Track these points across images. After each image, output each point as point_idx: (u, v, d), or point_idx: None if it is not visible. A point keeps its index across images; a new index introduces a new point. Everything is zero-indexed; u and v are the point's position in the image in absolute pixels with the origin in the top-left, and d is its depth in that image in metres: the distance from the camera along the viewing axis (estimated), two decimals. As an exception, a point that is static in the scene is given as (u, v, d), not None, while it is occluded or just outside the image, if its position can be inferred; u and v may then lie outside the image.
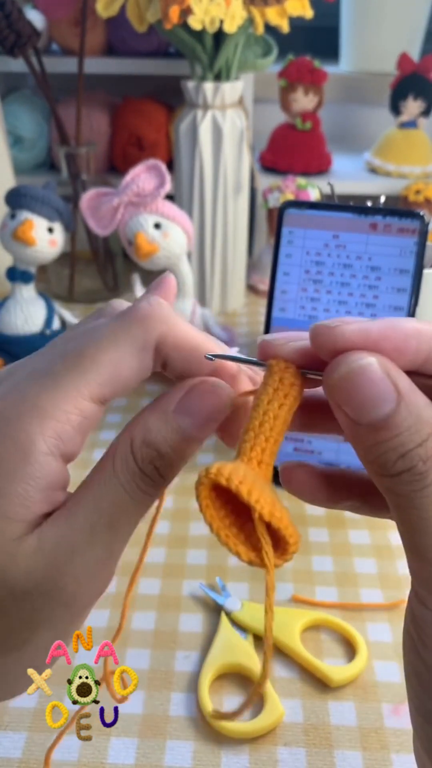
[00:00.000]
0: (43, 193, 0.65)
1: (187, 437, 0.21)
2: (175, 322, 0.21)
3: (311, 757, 0.35)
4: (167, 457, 0.20)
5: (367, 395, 0.18)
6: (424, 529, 0.18)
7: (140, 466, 0.20)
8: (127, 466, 0.20)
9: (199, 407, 0.21)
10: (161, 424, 0.20)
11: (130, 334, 0.20)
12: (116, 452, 0.20)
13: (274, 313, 0.52)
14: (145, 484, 0.20)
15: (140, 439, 0.20)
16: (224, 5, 0.63)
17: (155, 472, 0.20)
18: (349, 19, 0.99)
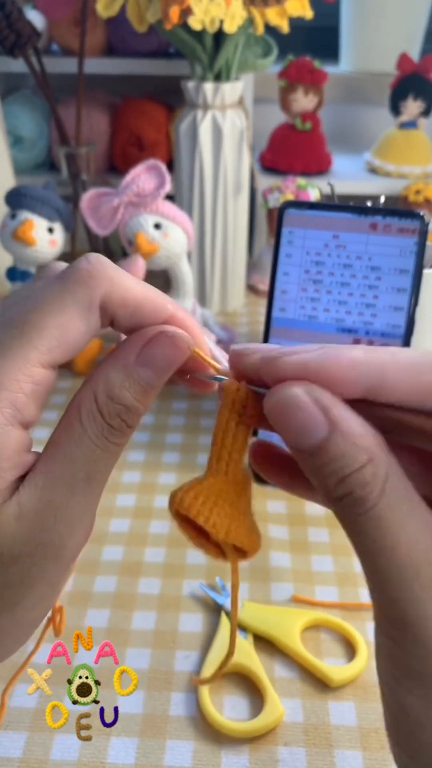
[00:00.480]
0: (43, 193, 0.65)
1: (150, 387, 0.21)
2: (119, 279, 0.21)
3: (311, 756, 0.35)
4: (133, 408, 0.21)
5: (297, 423, 0.19)
6: (373, 551, 0.18)
7: (108, 421, 0.20)
8: (95, 422, 0.20)
9: (160, 357, 0.21)
10: (123, 377, 0.20)
11: (74, 295, 0.20)
12: (81, 408, 0.20)
13: (274, 313, 0.52)
14: (113, 436, 0.20)
15: (104, 393, 0.20)
16: (224, 5, 0.63)
17: (122, 424, 0.21)
18: (349, 20, 0.99)
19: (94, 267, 0.20)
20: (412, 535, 0.18)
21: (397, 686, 0.19)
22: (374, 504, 0.18)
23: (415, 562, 0.18)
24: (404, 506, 0.18)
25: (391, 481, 0.18)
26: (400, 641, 0.18)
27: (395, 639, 0.18)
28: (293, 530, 0.49)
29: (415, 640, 0.18)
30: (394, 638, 0.18)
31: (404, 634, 0.18)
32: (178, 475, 0.55)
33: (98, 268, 0.20)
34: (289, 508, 0.52)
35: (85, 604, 0.43)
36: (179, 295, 0.68)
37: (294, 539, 0.49)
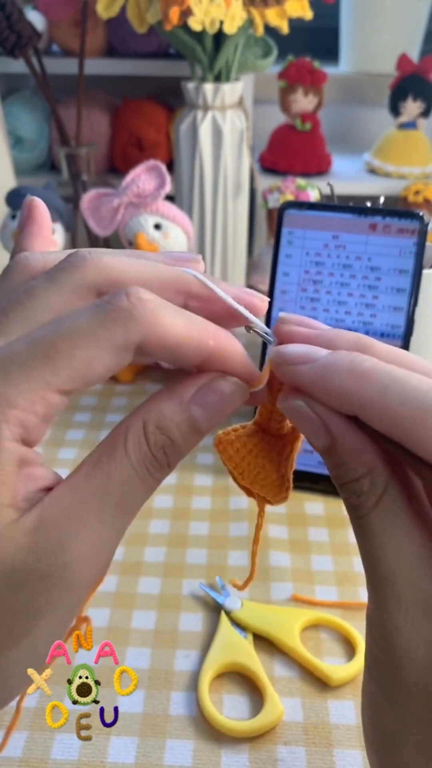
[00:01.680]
0: (43, 194, 0.65)
1: (199, 429, 0.21)
2: (159, 321, 0.19)
3: (311, 756, 0.35)
4: (177, 445, 0.20)
5: (305, 429, 0.21)
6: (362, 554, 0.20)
7: (152, 451, 0.20)
8: (139, 449, 0.20)
9: (215, 402, 0.21)
10: (176, 412, 0.20)
11: (110, 333, 0.19)
12: (128, 433, 0.20)
13: (274, 313, 0.52)
14: (153, 468, 0.20)
15: (154, 423, 0.20)
16: (224, 6, 0.63)
17: (165, 458, 0.20)
18: (348, 20, 0.99)
19: (135, 308, 0.19)
20: (396, 547, 0.19)
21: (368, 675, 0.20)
22: (366, 513, 0.19)
23: (392, 572, 0.19)
24: (396, 520, 0.19)
25: (388, 493, 0.19)
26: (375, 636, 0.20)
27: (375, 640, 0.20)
28: (293, 530, 0.49)
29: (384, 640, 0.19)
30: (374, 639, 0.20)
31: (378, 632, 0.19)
32: (178, 475, 0.55)
33: (140, 310, 0.19)
34: (289, 508, 0.52)
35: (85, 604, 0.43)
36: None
37: (294, 539, 0.49)
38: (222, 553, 0.47)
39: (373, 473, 0.19)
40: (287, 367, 0.21)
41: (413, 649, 0.18)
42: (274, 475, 0.24)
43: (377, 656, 0.20)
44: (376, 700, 0.20)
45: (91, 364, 0.19)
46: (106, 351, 0.19)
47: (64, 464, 0.56)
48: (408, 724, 0.19)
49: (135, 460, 0.20)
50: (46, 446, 0.58)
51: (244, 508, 0.51)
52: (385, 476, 0.19)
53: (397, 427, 0.18)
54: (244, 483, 0.24)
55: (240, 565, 0.46)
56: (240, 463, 0.23)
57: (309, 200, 0.78)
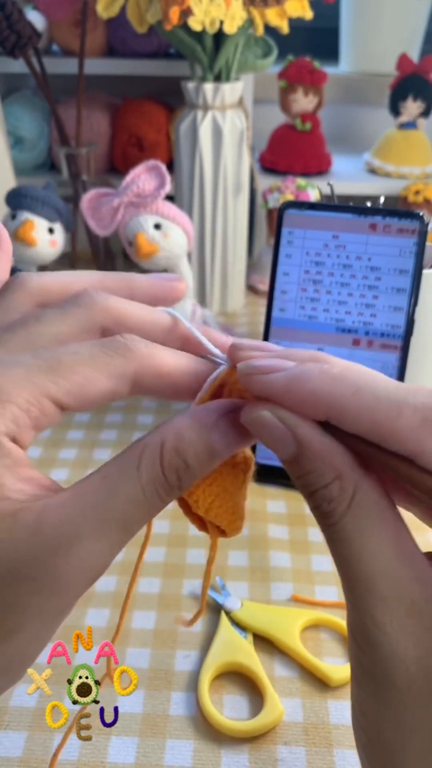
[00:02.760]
0: (43, 194, 0.65)
1: (214, 456, 0.21)
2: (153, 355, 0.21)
3: (311, 756, 0.35)
4: (192, 470, 0.20)
5: (269, 440, 0.20)
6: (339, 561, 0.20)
7: (165, 473, 0.20)
8: (152, 469, 0.20)
9: (234, 432, 0.21)
10: (196, 437, 0.20)
11: (110, 360, 0.20)
12: (144, 452, 0.20)
13: (274, 313, 0.52)
14: (164, 491, 0.20)
15: (172, 445, 0.20)
16: (224, 6, 0.63)
17: (177, 482, 0.20)
18: (348, 20, 0.99)
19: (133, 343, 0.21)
20: (374, 549, 0.19)
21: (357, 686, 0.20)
22: (340, 518, 0.19)
23: (372, 575, 0.19)
24: (370, 521, 0.19)
25: (359, 496, 0.19)
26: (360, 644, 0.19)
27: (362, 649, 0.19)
28: (293, 530, 0.49)
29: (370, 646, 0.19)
30: (361, 648, 0.20)
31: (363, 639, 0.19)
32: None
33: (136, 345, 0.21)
34: (289, 508, 0.52)
35: (85, 604, 0.43)
36: (179, 295, 0.68)
37: (294, 539, 0.49)
38: (222, 553, 0.47)
39: (342, 477, 0.19)
40: (258, 377, 0.20)
41: (402, 651, 0.18)
42: (228, 503, 0.23)
43: (365, 666, 0.19)
44: (370, 710, 0.20)
45: (89, 383, 0.20)
46: (104, 375, 0.20)
47: (63, 464, 0.56)
48: (407, 730, 0.19)
49: (145, 480, 0.19)
50: (46, 446, 0.58)
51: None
52: (354, 479, 0.19)
53: (373, 424, 0.19)
54: (198, 512, 0.23)
55: (240, 565, 0.46)
56: (194, 491, 0.22)
57: (309, 200, 0.78)
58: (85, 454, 0.57)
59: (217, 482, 0.23)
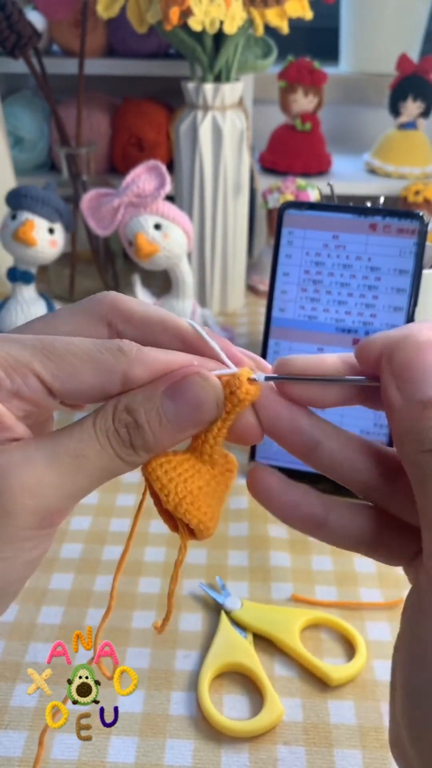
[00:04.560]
0: (43, 194, 0.65)
1: (167, 421, 0.22)
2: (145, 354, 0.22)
3: (311, 755, 0.35)
4: (141, 429, 0.21)
5: (422, 374, 0.20)
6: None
7: (115, 426, 0.21)
8: (104, 421, 0.22)
9: (187, 398, 0.22)
10: (146, 399, 0.22)
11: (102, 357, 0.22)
12: (101, 409, 0.22)
13: (274, 313, 0.52)
14: (116, 443, 0.22)
15: (124, 402, 0.22)
16: (224, 6, 0.63)
17: (127, 437, 0.22)
18: (348, 20, 0.99)
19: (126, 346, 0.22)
20: None
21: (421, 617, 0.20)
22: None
23: None
24: None
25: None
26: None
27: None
28: (293, 530, 0.49)
29: None
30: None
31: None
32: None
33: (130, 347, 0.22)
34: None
35: (85, 604, 0.43)
36: (179, 295, 0.68)
37: (294, 539, 0.49)
38: (222, 553, 0.47)
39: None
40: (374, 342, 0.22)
41: None
42: (202, 503, 0.23)
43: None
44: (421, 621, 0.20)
45: (77, 372, 0.21)
46: (92, 369, 0.21)
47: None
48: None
49: (98, 427, 0.21)
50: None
51: (245, 508, 0.51)
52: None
53: None
54: (168, 506, 0.22)
55: (240, 565, 0.46)
56: (167, 485, 0.22)
57: (309, 200, 0.78)
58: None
59: (192, 479, 0.23)
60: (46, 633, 0.41)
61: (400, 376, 0.21)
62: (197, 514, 0.23)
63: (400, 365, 0.21)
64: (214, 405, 0.22)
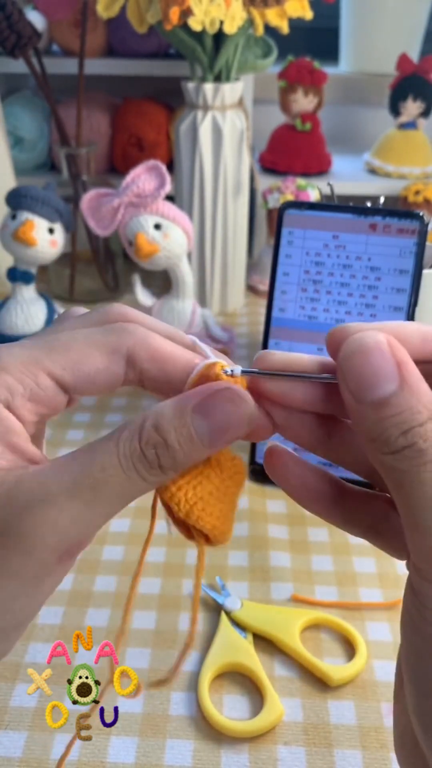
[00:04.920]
0: (43, 194, 0.65)
1: (198, 439, 0.21)
2: (148, 336, 0.22)
3: (311, 756, 0.35)
4: (171, 449, 0.20)
5: (372, 372, 0.19)
6: (424, 503, 0.19)
7: (142, 447, 0.20)
8: (130, 443, 0.20)
9: (219, 414, 0.21)
10: (176, 417, 0.21)
11: (105, 339, 0.22)
12: (125, 429, 0.21)
13: (274, 313, 0.52)
14: (142, 466, 0.20)
15: (152, 422, 0.21)
16: (224, 6, 0.63)
17: (155, 458, 0.20)
18: (348, 20, 0.99)
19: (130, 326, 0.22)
20: None
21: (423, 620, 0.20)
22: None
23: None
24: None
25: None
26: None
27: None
28: (293, 530, 0.50)
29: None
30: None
31: None
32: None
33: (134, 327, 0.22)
34: (289, 508, 0.52)
35: (85, 604, 0.43)
36: (179, 295, 0.68)
37: (294, 539, 0.49)
38: (222, 553, 0.47)
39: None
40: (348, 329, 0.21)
41: None
42: (213, 508, 0.22)
43: None
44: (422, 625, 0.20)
45: (84, 358, 0.21)
46: (98, 351, 0.22)
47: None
48: None
49: (122, 451, 0.20)
50: (46, 446, 0.58)
51: (245, 509, 0.51)
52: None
53: None
54: (179, 514, 0.22)
55: (240, 565, 0.46)
56: (176, 493, 0.22)
57: (309, 200, 0.78)
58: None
59: (202, 485, 0.22)
60: (46, 633, 0.41)
61: (349, 377, 0.20)
62: (210, 520, 0.22)
63: (347, 366, 0.20)
64: (247, 422, 0.21)
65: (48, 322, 0.69)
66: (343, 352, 0.20)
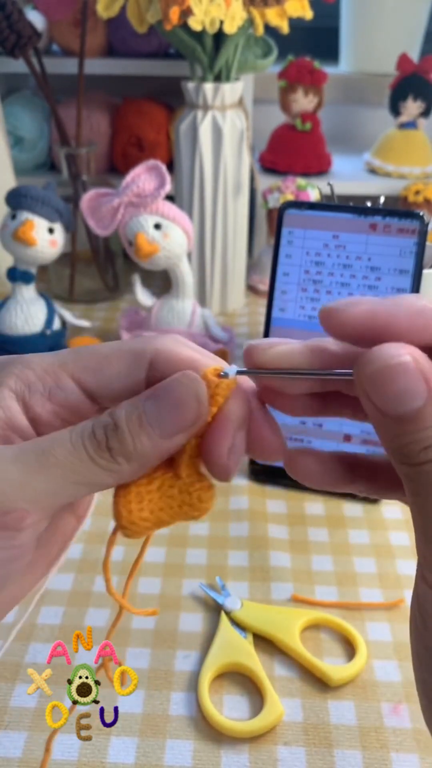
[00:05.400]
0: (43, 194, 0.65)
1: (146, 422, 0.20)
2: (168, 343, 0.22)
3: (311, 756, 0.35)
4: (121, 431, 0.20)
5: (400, 390, 0.19)
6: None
7: (93, 428, 0.21)
8: (83, 425, 0.21)
9: (169, 399, 0.21)
10: (129, 404, 0.21)
11: (128, 345, 0.23)
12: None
13: (274, 313, 0.52)
14: (90, 444, 0.20)
15: (108, 411, 0.21)
16: (224, 6, 0.63)
17: (104, 439, 0.20)
18: (348, 20, 0.99)
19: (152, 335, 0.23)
20: None
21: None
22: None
23: None
24: None
25: None
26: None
27: None
28: (293, 530, 0.49)
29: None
30: None
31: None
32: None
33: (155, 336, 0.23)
34: (289, 508, 0.52)
35: (85, 604, 0.43)
36: (179, 295, 0.68)
37: (294, 539, 0.49)
38: (222, 553, 0.47)
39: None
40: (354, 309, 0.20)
41: None
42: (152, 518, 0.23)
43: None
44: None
45: (107, 362, 0.22)
46: (121, 356, 0.22)
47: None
48: None
49: (74, 431, 0.21)
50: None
51: (245, 509, 0.51)
52: None
53: None
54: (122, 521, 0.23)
55: (240, 565, 0.46)
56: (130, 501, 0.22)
57: (309, 200, 0.78)
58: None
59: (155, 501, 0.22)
60: (46, 633, 0.41)
61: (374, 395, 0.19)
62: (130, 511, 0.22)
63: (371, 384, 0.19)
64: (195, 401, 0.21)
65: (48, 323, 0.69)
66: (367, 370, 0.19)
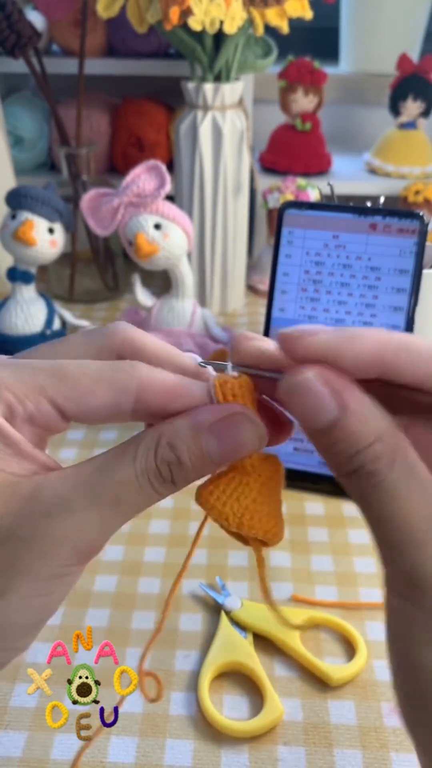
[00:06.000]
0: (43, 194, 0.65)
1: (209, 458, 0.21)
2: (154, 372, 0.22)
3: (311, 755, 0.35)
4: (185, 467, 0.21)
5: (309, 406, 0.20)
6: (386, 518, 0.20)
7: (157, 464, 0.21)
8: (146, 459, 0.21)
9: (231, 437, 0.21)
10: (190, 436, 0.21)
11: (114, 375, 0.22)
12: (141, 442, 0.21)
13: (274, 313, 0.52)
14: (156, 481, 0.21)
15: (167, 439, 0.21)
16: (224, 6, 0.63)
17: (169, 475, 0.21)
18: (348, 20, 0.99)
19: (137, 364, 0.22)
20: (419, 503, 0.19)
21: (412, 645, 0.20)
22: (384, 476, 0.20)
23: (423, 526, 0.19)
24: (412, 478, 0.20)
25: (399, 455, 0.20)
26: (414, 598, 0.20)
27: (409, 597, 0.20)
28: (293, 530, 0.50)
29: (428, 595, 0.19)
30: (408, 597, 0.20)
31: (418, 590, 0.19)
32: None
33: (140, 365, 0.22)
34: (289, 508, 0.52)
35: (85, 604, 0.43)
36: (179, 295, 0.68)
37: (294, 539, 0.49)
38: (222, 553, 0.47)
39: (384, 437, 0.20)
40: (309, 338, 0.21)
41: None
42: (261, 513, 0.23)
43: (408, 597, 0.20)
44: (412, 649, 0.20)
45: (90, 393, 0.21)
46: (106, 387, 0.21)
47: (64, 464, 0.56)
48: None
49: (139, 468, 0.21)
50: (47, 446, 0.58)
51: (244, 508, 0.51)
52: (394, 438, 0.20)
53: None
54: (231, 529, 0.23)
55: (240, 565, 0.46)
56: (222, 510, 0.23)
57: (309, 200, 0.78)
58: (85, 454, 0.58)
59: (244, 494, 0.23)
60: (46, 633, 0.41)
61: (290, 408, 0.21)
62: (260, 526, 0.23)
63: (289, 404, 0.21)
64: (258, 442, 0.22)
65: (48, 323, 0.69)
66: (280, 391, 0.21)
